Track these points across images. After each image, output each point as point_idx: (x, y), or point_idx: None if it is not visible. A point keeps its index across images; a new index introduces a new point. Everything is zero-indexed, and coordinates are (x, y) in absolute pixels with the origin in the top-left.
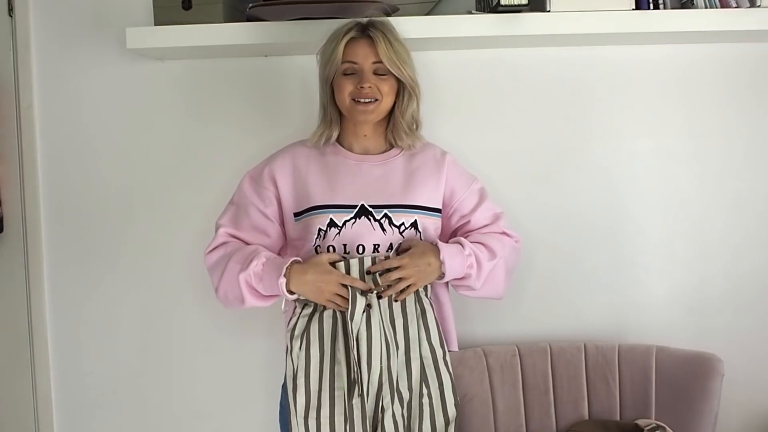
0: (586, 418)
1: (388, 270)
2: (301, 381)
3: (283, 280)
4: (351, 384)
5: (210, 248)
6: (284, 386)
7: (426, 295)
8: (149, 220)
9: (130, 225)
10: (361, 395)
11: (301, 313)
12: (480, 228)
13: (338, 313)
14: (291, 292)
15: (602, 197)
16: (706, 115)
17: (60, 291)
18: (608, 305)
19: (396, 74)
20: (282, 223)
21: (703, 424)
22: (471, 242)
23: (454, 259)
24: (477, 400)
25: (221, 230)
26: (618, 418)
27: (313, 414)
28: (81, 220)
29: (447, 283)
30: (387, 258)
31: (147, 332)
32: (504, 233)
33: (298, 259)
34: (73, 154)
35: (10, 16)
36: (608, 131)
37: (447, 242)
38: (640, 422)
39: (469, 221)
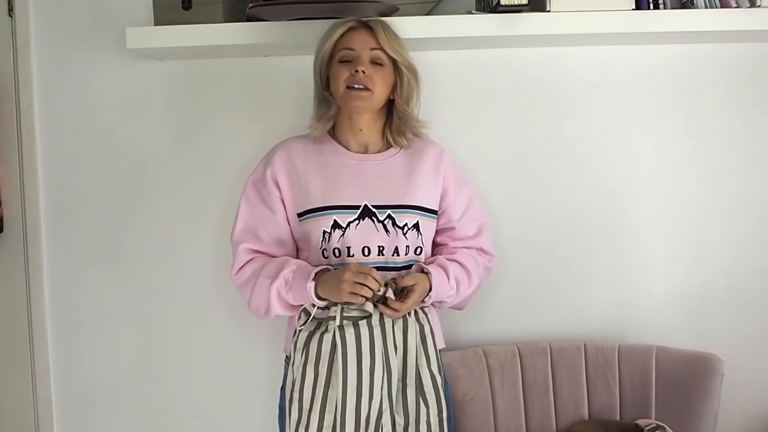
0: (586, 418)
1: (399, 291)
2: (296, 395)
3: (311, 285)
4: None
5: (237, 268)
6: (283, 389)
7: (428, 321)
8: (149, 219)
9: (130, 225)
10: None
11: (304, 326)
12: (462, 239)
13: (338, 337)
14: (319, 298)
15: (602, 197)
16: (706, 115)
17: (60, 291)
18: (608, 305)
19: (394, 56)
20: (289, 223)
21: (703, 424)
22: (455, 260)
23: (439, 288)
24: (477, 400)
25: (241, 247)
26: (618, 418)
27: (302, 429)
28: (81, 220)
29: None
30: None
31: (147, 332)
32: (481, 250)
33: (329, 267)
34: (73, 154)
35: (10, 16)
36: (608, 131)
37: (432, 255)
38: (640, 422)
39: (454, 228)
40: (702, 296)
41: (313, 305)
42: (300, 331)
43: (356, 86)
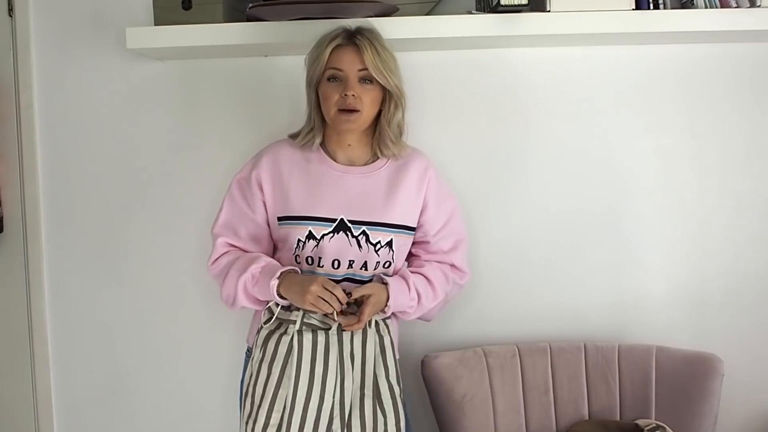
0: (586, 418)
1: (355, 302)
2: (250, 389)
3: (275, 282)
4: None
5: (212, 259)
6: (242, 381)
7: (388, 333)
8: (149, 219)
9: (130, 225)
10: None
11: (266, 324)
12: (435, 253)
13: (296, 341)
14: (281, 297)
15: (602, 197)
16: (706, 114)
17: (60, 291)
18: (608, 305)
19: (382, 82)
20: (269, 224)
21: (703, 424)
22: (420, 273)
23: (398, 298)
24: (477, 400)
25: (219, 240)
26: (618, 418)
27: (251, 423)
28: (81, 220)
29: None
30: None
31: (147, 332)
32: (453, 266)
33: (296, 269)
34: (73, 154)
35: (10, 16)
36: (608, 131)
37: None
38: (640, 422)
39: (429, 242)
40: (702, 296)
41: (277, 304)
42: (262, 328)
43: (346, 109)
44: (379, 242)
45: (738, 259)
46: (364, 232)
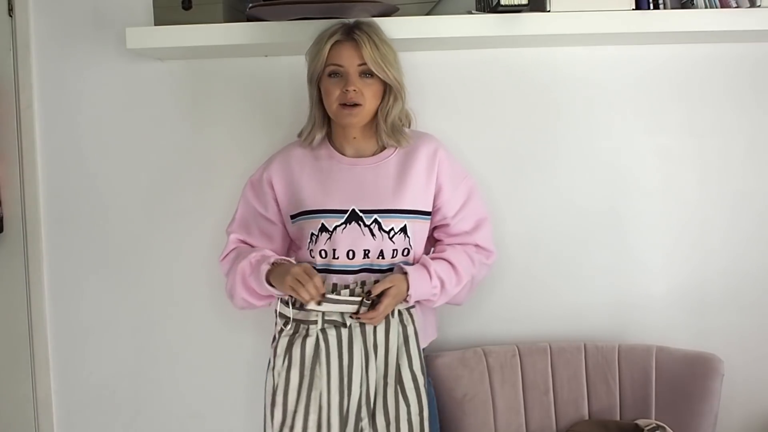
0: (586, 418)
1: (375, 296)
2: (279, 398)
3: (265, 267)
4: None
5: (223, 255)
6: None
7: (412, 322)
8: (149, 219)
9: (130, 225)
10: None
11: (284, 331)
12: (457, 235)
13: (321, 340)
14: (270, 285)
15: (602, 197)
16: (707, 114)
17: (60, 291)
18: (608, 305)
19: (381, 76)
20: (284, 223)
21: (703, 424)
22: (441, 258)
23: (419, 287)
24: (477, 400)
25: (232, 236)
26: (618, 418)
27: (286, 430)
28: (81, 220)
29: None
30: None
31: (146, 332)
32: (478, 246)
33: (291, 260)
34: (73, 154)
35: (10, 16)
36: (608, 131)
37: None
38: (640, 422)
39: (449, 225)
40: (702, 296)
41: (287, 304)
42: (280, 336)
43: (347, 103)
44: (393, 229)
45: (738, 259)
46: (376, 221)
